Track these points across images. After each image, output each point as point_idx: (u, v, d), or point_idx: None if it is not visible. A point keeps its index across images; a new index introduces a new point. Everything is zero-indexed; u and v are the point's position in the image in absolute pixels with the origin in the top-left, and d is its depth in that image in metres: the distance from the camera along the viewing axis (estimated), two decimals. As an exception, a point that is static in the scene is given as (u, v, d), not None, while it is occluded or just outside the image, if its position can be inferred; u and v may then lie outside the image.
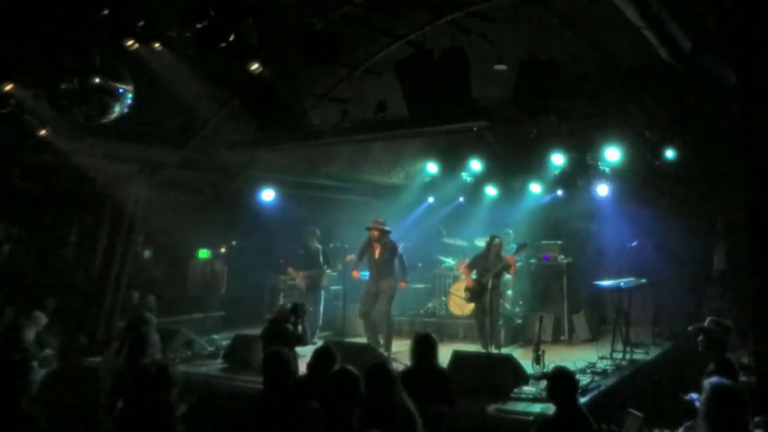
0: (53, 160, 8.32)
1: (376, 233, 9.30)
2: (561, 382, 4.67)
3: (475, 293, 9.15)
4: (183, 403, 4.21)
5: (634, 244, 10.02)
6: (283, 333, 7.11)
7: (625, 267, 9.80)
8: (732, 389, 3.55)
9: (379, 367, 4.13)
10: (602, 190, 10.49)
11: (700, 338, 5.77)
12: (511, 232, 11.14)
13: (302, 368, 5.13)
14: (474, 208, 12.82)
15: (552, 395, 4.75)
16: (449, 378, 5.49)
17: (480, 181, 12.18)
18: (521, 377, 6.81)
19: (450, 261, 11.67)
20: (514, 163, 11.56)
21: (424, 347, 5.37)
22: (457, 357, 7.15)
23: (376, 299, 9.19)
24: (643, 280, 9.43)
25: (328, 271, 10.69)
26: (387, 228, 9.44)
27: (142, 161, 9.51)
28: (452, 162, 12.08)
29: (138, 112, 6.78)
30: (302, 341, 7.23)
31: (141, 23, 5.92)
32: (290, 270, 10.57)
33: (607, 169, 10.20)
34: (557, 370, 4.91)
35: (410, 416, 3.99)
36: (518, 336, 10.20)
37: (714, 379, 3.63)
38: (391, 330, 9.27)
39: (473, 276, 9.32)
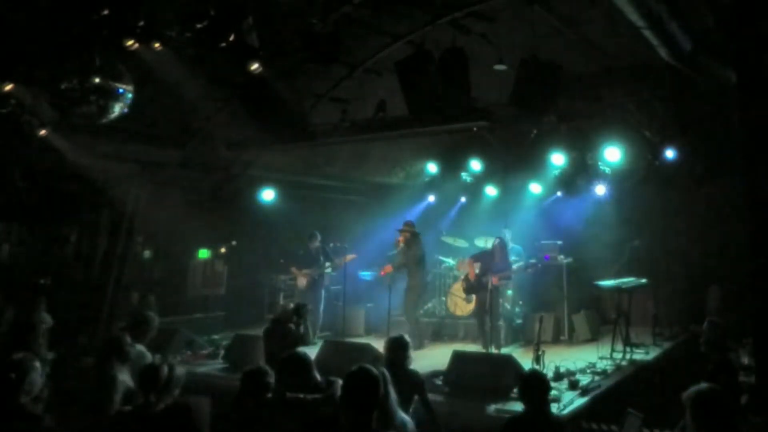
0: (53, 160, 8.31)
1: (407, 235, 9.93)
2: (528, 387, 4.73)
3: (473, 287, 9.22)
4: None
5: (634, 244, 10.03)
6: (285, 333, 7.13)
7: (625, 267, 9.79)
8: (711, 391, 3.64)
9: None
10: (601, 190, 10.51)
11: (701, 338, 5.79)
12: (507, 231, 11.14)
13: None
14: (474, 208, 12.83)
15: (520, 396, 4.84)
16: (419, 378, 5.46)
17: (480, 181, 12.19)
18: (519, 378, 6.80)
19: (450, 261, 11.67)
20: (514, 163, 11.56)
21: (396, 351, 5.32)
22: (457, 357, 7.15)
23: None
24: (643, 280, 9.42)
25: (329, 270, 10.70)
26: (416, 231, 10.06)
27: (142, 161, 9.51)
28: (452, 162, 12.08)
29: (138, 112, 6.77)
30: (304, 341, 7.25)
31: (141, 23, 5.92)
32: (293, 269, 10.64)
33: (607, 169, 10.20)
34: (527, 374, 5.10)
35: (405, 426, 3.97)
36: (518, 336, 10.19)
37: (696, 386, 3.75)
38: (413, 324, 9.68)
39: (476, 270, 9.38)
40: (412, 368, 5.44)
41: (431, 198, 13.09)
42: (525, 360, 7.45)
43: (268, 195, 11.41)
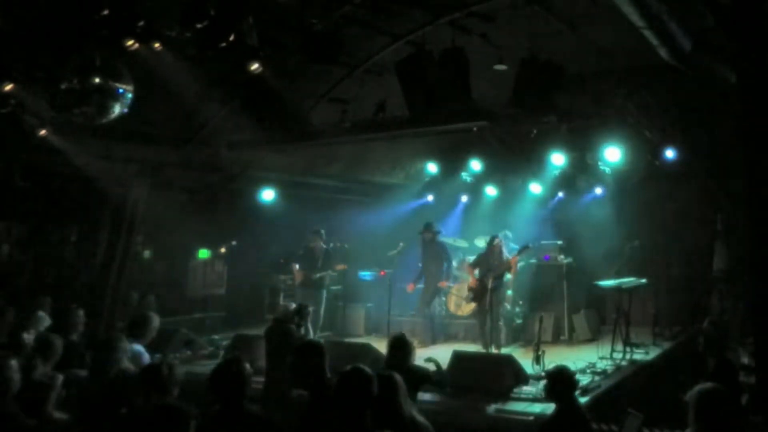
0: (53, 160, 8.31)
1: (429, 235, 10.26)
2: (560, 382, 4.65)
3: (478, 293, 9.18)
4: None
5: (634, 244, 10.04)
6: (285, 333, 7.13)
7: (625, 267, 9.80)
8: (715, 391, 3.64)
9: (387, 377, 4.03)
10: (601, 190, 10.52)
11: (699, 338, 5.79)
12: (509, 233, 11.13)
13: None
14: (474, 208, 12.83)
15: (551, 395, 4.73)
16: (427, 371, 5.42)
17: (480, 181, 12.19)
18: (521, 377, 6.81)
19: (450, 261, 11.67)
20: (514, 163, 11.56)
21: (400, 350, 5.25)
22: (457, 357, 7.16)
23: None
24: (643, 280, 9.42)
25: (327, 271, 10.69)
26: (437, 230, 10.50)
27: (142, 161, 9.50)
28: (452, 162, 12.08)
29: (138, 112, 6.77)
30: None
31: (141, 23, 5.91)
32: (294, 265, 10.67)
33: (607, 169, 10.19)
34: (557, 369, 4.89)
35: (417, 426, 3.92)
36: (518, 336, 10.20)
37: (700, 386, 3.75)
38: (428, 323, 10.04)
39: (476, 275, 9.35)
40: (414, 364, 5.41)
41: (429, 198, 13.09)
42: (525, 360, 7.46)
43: (268, 195, 11.41)
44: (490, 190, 12.31)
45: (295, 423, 4.13)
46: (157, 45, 6.17)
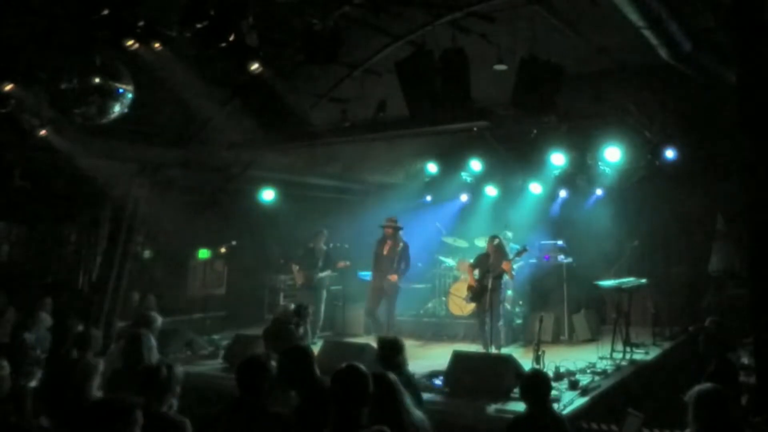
0: (53, 160, 8.31)
1: (390, 231, 9.89)
2: (529, 385, 4.79)
3: (477, 293, 9.18)
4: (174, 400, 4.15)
5: (634, 244, 10.05)
6: (284, 333, 7.14)
7: (625, 267, 9.81)
8: (714, 391, 3.66)
9: (379, 377, 4.02)
10: (601, 190, 10.52)
11: (700, 338, 5.79)
12: (510, 234, 11.13)
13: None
14: (474, 208, 12.84)
15: (522, 395, 4.86)
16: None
17: (480, 181, 12.19)
18: (521, 377, 6.80)
19: (450, 261, 11.67)
20: (514, 163, 11.57)
21: (390, 352, 5.20)
22: (457, 357, 7.15)
23: (381, 297, 9.61)
24: (643, 280, 9.43)
25: (327, 272, 10.69)
26: (399, 225, 10.02)
27: (142, 161, 9.50)
28: (452, 162, 12.08)
29: (138, 112, 6.76)
30: (303, 343, 7.26)
31: (141, 23, 5.91)
32: (293, 265, 10.63)
33: (607, 169, 10.20)
34: (530, 373, 5.19)
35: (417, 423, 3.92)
36: (518, 336, 10.20)
37: (699, 386, 3.80)
38: (391, 328, 9.52)
39: (476, 275, 9.35)
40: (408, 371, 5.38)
41: (429, 197, 13.10)
42: (525, 360, 7.46)
43: (268, 195, 11.42)
44: (490, 190, 12.31)
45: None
46: (157, 45, 6.16)
